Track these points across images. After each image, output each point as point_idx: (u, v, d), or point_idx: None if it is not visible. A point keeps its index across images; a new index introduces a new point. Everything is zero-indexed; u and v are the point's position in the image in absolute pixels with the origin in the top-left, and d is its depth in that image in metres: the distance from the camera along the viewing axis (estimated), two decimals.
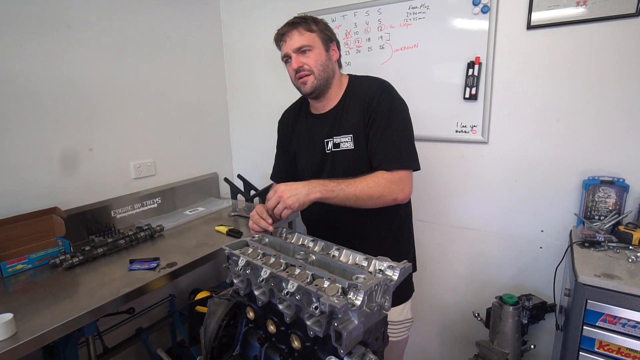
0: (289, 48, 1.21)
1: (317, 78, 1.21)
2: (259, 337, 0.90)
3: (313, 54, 1.21)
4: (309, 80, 1.21)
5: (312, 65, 1.20)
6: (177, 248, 1.64)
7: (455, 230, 1.92)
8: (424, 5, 1.76)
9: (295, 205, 1.02)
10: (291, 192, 1.02)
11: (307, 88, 1.23)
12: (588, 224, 1.47)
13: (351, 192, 1.08)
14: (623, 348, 1.16)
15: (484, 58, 1.66)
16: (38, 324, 1.08)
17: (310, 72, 1.21)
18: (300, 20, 1.22)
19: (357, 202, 1.10)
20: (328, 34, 1.25)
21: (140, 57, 1.98)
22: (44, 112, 1.62)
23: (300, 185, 1.04)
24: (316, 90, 1.23)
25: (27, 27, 1.55)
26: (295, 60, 1.21)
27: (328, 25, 1.28)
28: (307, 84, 1.22)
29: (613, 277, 1.16)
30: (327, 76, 1.23)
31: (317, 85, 1.22)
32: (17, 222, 1.46)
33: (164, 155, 2.15)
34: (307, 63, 1.20)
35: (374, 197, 1.10)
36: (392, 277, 0.78)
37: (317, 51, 1.21)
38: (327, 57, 1.24)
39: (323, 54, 1.23)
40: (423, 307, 2.05)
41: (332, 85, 1.26)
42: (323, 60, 1.22)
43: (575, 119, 1.55)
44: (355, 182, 1.09)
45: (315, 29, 1.22)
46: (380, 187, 1.10)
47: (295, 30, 1.20)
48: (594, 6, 1.43)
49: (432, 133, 1.84)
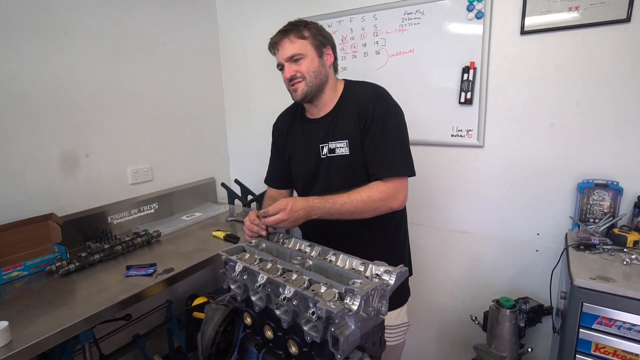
0: (281, 57, 1.22)
1: (309, 84, 1.21)
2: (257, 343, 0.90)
3: (305, 62, 1.21)
4: (299, 86, 1.22)
5: (304, 72, 1.21)
6: (174, 254, 1.63)
7: (451, 234, 1.92)
8: (419, 11, 1.77)
9: (290, 226, 1.09)
10: (293, 220, 1.06)
11: (297, 95, 1.24)
12: (583, 227, 1.48)
13: (346, 210, 1.11)
14: (619, 350, 1.17)
15: (479, 63, 1.68)
16: (34, 331, 1.07)
17: (302, 79, 1.21)
18: (291, 27, 1.22)
19: (352, 216, 1.14)
20: (320, 39, 1.24)
21: (137, 63, 1.99)
22: (40, 118, 1.62)
23: (303, 212, 1.07)
24: (307, 97, 1.24)
25: (24, 33, 1.55)
26: (288, 69, 1.22)
27: (322, 28, 1.27)
28: (298, 91, 1.23)
29: (608, 279, 1.17)
30: (319, 82, 1.23)
31: (307, 92, 1.22)
32: (12, 228, 1.46)
33: (161, 160, 2.15)
34: (299, 70, 1.21)
35: (369, 210, 1.13)
36: (389, 281, 0.78)
37: (309, 58, 1.21)
38: (319, 63, 1.23)
39: (315, 60, 1.22)
40: (420, 311, 2.05)
41: (325, 90, 1.26)
42: (315, 67, 1.22)
43: (569, 123, 1.57)
44: (350, 198, 1.12)
45: (307, 35, 1.22)
46: (375, 200, 1.13)
47: (286, 39, 1.21)
48: (586, 12, 1.45)
49: (428, 137, 1.86)
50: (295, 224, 1.08)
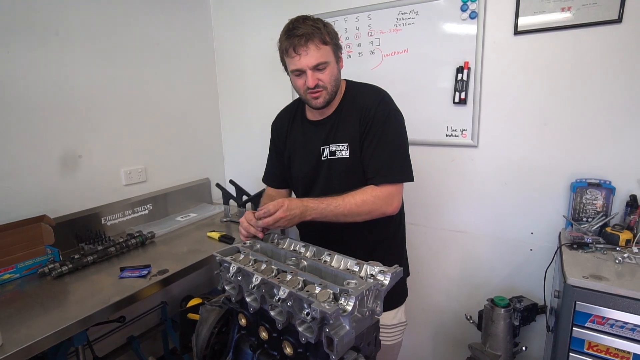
0: (305, 65, 1.12)
1: (330, 93, 1.18)
2: (251, 344, 0.90)
3: (328, 70, 1.15)
4: (321, 95, 1.17)
5: (327, 82, 1.15)
6: (169, 255, 1.62)
7: (446, 234, 1.93)
8: (413, 11, 1.78)
9: (286, 225, 1.07)
10: (289, 218, 1.04)
11: (319, 103, 1.19)
12: (576, 226, 1.49)
13: (340, 212, 1.10)
14: (612, 348, 1.18)
15: (473, 63, 1.69)
16: (26, 334, 1.06)
17: (324, 88, 1.16)
18: (313, 29, 1.11)
19: (346, 219, 1.12)
20: (338, 43, 1.18)
21: (131, 64, 1.97)
22: (32, 119, 1.60)
23: (298, 211, 1.06)
24: (327, 104, 1.21)
25: (14, 34, 1.53)
26: (312, 78, 1.13)
27: (335, 30, 1.20)
28: (320, 99, 1.18)
29: (601, 278, 1.18)
30: (337, 89, 1.21)
31: (328, 100, 1.19)
32: (4, 230, 1.44)
33: (155, 161, 2.14)
34: (322, 80, 1.15)
35: (362, 214, 1.13)
36: (384, 281, 0.78)
37: (331, 66, 1.15)
38: (338, 69, 1.19)
39: (335, 67, 1.17)
40: (416, 310, 2.06)
41: (336, 95, 1.24)
42: (335, 75, 1.18)
43: (562, 123, 1.58)
44: (344, 201, 1.11)
45: (329, 40, 1.14)
46: (368, 204, 1.13)
47: (312, 44, 1.11)
48: (579, 12, 1.47)
49: (423, 137, 1.86)
50: (290, 224, 1.07)
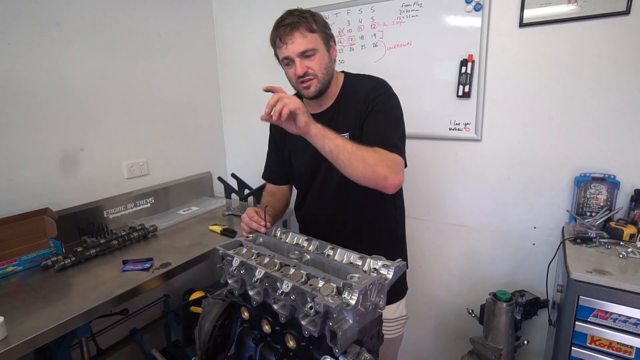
0: (292, 52, 1.13)
1: (321, 81, 1.17)
2: (254, 337, 0.90)
3: (317, 57, 1.14)
4: (312, 84, 1.17)
5: (317, 70, 1.15)
6: (171, 248, 1.63)
7: (448, 228, 1.92)
8: (416, 3, 1.76)
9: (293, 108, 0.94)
10: (291, 99, 0.94)
11: (310, 92, 1.18)
12: (580, 221, 1.49)
13: (348, 146, 1.00)
14: (614, 342, 1.18)
15: (477, 56, 1.67)
16: (29, 326, 1.07)
17: (315, 77, 1.16)
18: (299, 18, 1.13)
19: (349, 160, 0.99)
20: (327, 32, 1.19)
21: (132, 56, 1.96)
22: (34, 112, 1.60)
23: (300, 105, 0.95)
24: (319, 94, 1.20)
25: (14, 25, 1.52)
26: (300, 65, 1.13)
27: (324, 19, 1.21)
28: (311, 89, 1.17)
29: (604, 273, 1.17)
30: (329, 78, 1.20)
31: (320, 89, 1.18)
32: (7, 223, 1.44)
33: (156, 154, 2.14)
34: (311, 67, 1.14)
35: (367, 162, 1.01)
36: (387, 275, 0.77)
37: (320, 53, 1.15)
38: (329, 57, 1.19)
39: (325, 55, 1.17)
40: (418, 304, 2.06)
41: (331, 85, 1.24)
42: (326, 63, 1.17)
43: (567, 117, 1.56)
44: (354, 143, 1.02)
45: (316, 28, 1.14)
46: (376, 157, 1.03)
47: (297, 32, 1.11)
48: (585, 4, 1.44)
49: (426, 131, 1.85)
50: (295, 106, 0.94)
